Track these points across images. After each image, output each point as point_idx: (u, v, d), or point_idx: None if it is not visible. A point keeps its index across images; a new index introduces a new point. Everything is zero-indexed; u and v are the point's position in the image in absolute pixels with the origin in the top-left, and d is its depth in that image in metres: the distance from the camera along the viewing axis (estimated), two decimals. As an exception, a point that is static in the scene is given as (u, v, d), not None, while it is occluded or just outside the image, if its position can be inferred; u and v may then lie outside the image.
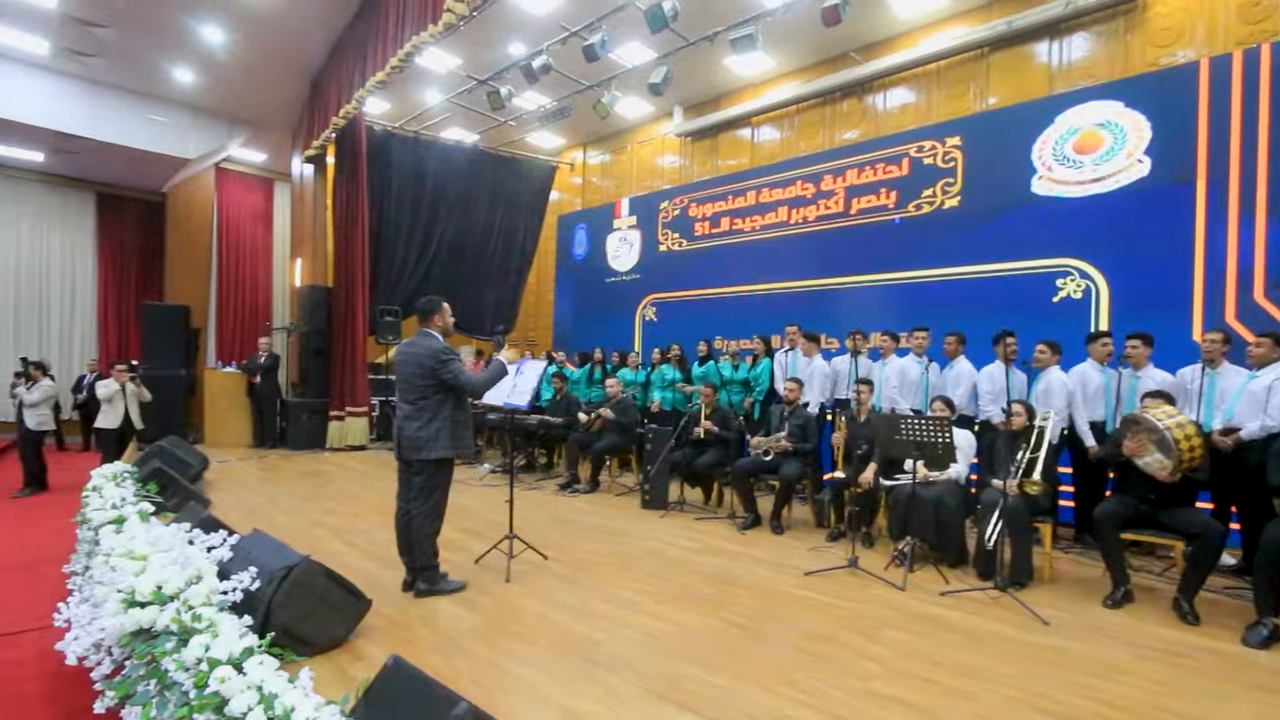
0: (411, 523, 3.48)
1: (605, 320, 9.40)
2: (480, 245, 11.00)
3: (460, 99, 9.38)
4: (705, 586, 3.79)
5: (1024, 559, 3.92)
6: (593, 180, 11.90)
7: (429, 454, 3.41)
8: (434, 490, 3.48)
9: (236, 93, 9.95)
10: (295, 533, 4.78)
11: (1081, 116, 5.51)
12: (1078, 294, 5.50)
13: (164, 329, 9.37)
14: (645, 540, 4.80)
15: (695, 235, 8.43)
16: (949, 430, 3.98)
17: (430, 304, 3.61)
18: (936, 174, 6.31)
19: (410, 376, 3.47)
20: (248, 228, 12.69)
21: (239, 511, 5.37)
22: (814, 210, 7.22)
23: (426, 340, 3.49)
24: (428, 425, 3.42)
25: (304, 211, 10.60)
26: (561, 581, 3.82)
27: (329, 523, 5.12)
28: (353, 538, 4.69)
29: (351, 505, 5.76)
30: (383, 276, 9.97)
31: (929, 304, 6.26)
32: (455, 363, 3.46)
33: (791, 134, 8.86)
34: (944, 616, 3.41)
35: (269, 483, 6.73)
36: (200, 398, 9.63)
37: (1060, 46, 6.71)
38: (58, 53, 8.77)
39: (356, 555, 4.27)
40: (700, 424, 5.80)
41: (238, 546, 2.94)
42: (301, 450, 8.90)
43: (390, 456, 8.60)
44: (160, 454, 5.54)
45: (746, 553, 4.54)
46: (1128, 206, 5.26)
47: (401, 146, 10.27)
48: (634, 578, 3.93)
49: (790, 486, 5.14)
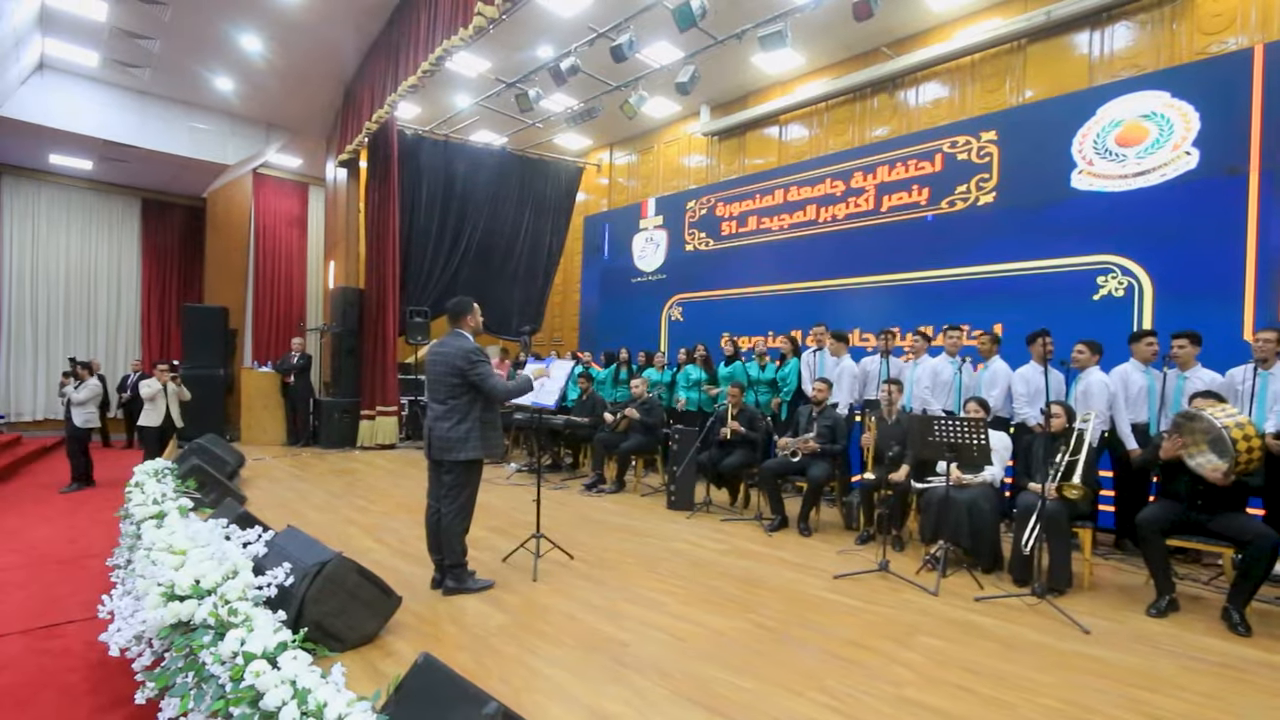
0: (441, 521, 3.51)
1: (631, 320, 9.40)
2: (508, 246, 11.10)
3: (489, 102, 9.48)
4: (732, 588, 3.76)
5: (1063, 565, 3.80)
6: (619, 181, 11.92)
7: (459, 455, 3.44)
8: (463, 489, 3.51)
9: (274, 100, 10.23)
10: (327, 529, 4.88)
11: (1125, 108, 5.32)
12: (1119, 292, 5.31)
13: (203, 330, 9.66)
14: (671, 541, 4.78)
15: (722, 235, 8.38)
16: (984, 431, 3.88)
17: (461, 305, 3.64)
18: (971, 170, 6.16)
19: (441, 376, 3.50)
20: (283, 231, 13.02)
21: (273, 508, 5.50)
22: (843, 208, 7.11)
23: (458, 341, 3.52)
24: (458, 426, 3.45)
25: (337, 215, 10.83)
26: (587, 581, 3.82)
27: (360, 520, 5.21)
28: (383, 535, 4.77)
29: (382, 503, 5.86)
30: (412, 278, 10.13)
31: (962, 303, 6.12)
32: (484, 365, 3.48)
33: (820, 131, 8.75)
34: (979, 623, 3.32)
35: (302, 480, 6.89)
36: (237, 397, 9.90)
37: (1101, 37, 6.49)
38: (107, 64, 9.12)
39: (386, 552, 4.34)
40: (727, 424, 5.76)
41: (272, 542, 3.00)
42: (333, 449, 9.08)
43: (419, 456, 8.82)
44: (199, 451, 5.70)
45: (774, 554, 4.49)
46: (1174, 200, 5.06)
47: (431, 150, 10.42)
48: (660, 578, 3.91)
49: (819, 488, 5.07)
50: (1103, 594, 3.85)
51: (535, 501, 4.13)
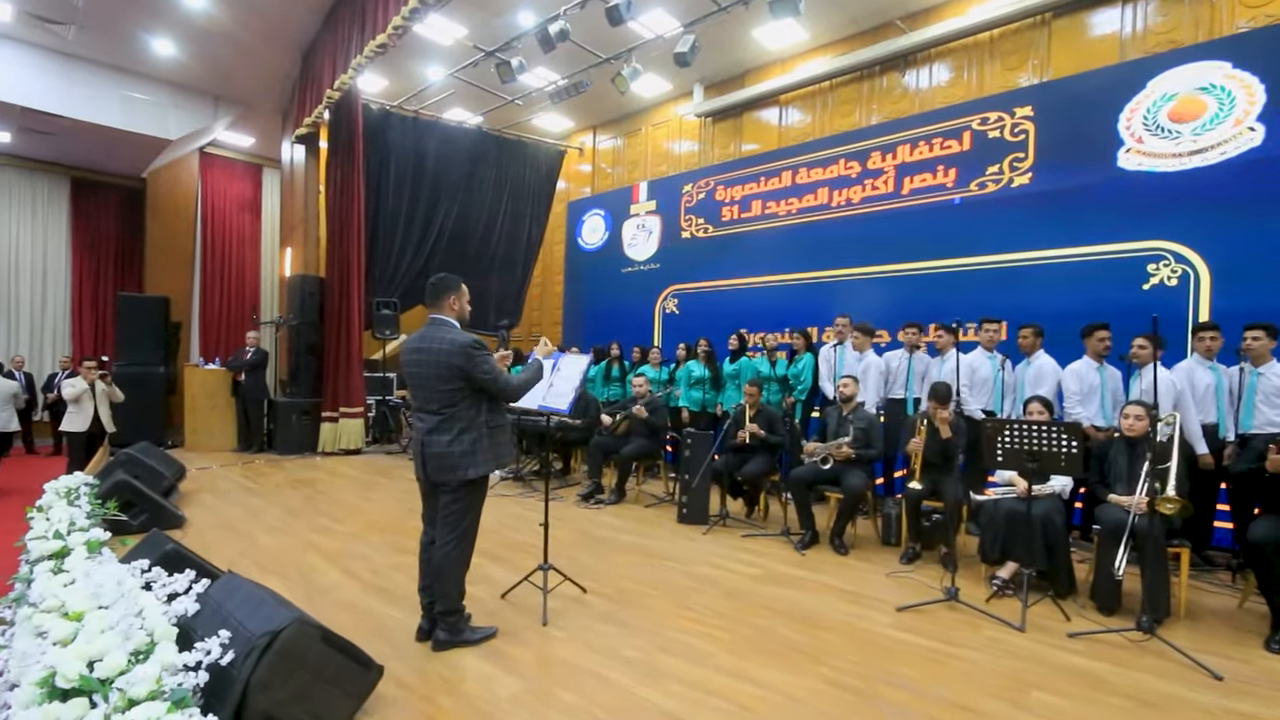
0: (436, 553, 2.79)
1: (621, 313, 8.72)
2: (484, 233, 10.28)
3: (465, 73, 8.67)
4: (785, 629, 3.13)
5: (1161, 592, 3.28)
6: (603, 167, 11.20)
7: (467, 472, 2.71)
8: (465, 515, 2.79)
9: (222, 68, 9.19)
10: (283, 558, 4.08)
11: (1179, 80, 4.88)
12: (1173, 281, 4.87)
13: (141, 322, 8.61)
14: (694, 564, 4.14)
15: (722, 221, 7.75)
16: (1077, 436, 3.33)
17: (443, 284, 2.87)
18: (1004, 148, 5.66)
19: (430, 381, 2.74)
20: (234, 216, 11.93)
21: (217, 530, 4.67)
22: (859, 191, 6.56)
23: (444, 331, 2.77)
24: (460, 438, 2.72)
25: (294, 197, 9.85)
26: (610, 624, 3.14)
27: (323, 544, 4.42)
28: (351, 564, 3.99)
29: (349, 520, 5.06)
30: (379, 266, 9.25)
31: (994, 294, 5.63)
32: (489, 358, 2.75)
33: (824, 113, 8.19)
34: (1092, 670, 2.76)
35: (254, 493, 6.02)
36: (180, 397, 8.87)
37: (1134, 10, 6.08)
38: (23, 20, 7.99)
39: (357, 588, 3.58)
40: (745, 426, 5.14)
41: (208, 597, 2.24)
42: (291, 455, 8.17)
43: (389, 462, 7.98)
44: (127, 464, 4.82)
45: (815, 579, 3.89)
46: (1235, 181, 4.63)
47: (400, 126, 9.54)
48: (695, 616, 3.26)
49: (856, 500, 4.49)
50: (1203, 622, 3.36)
51: (542, 525, 3.42)
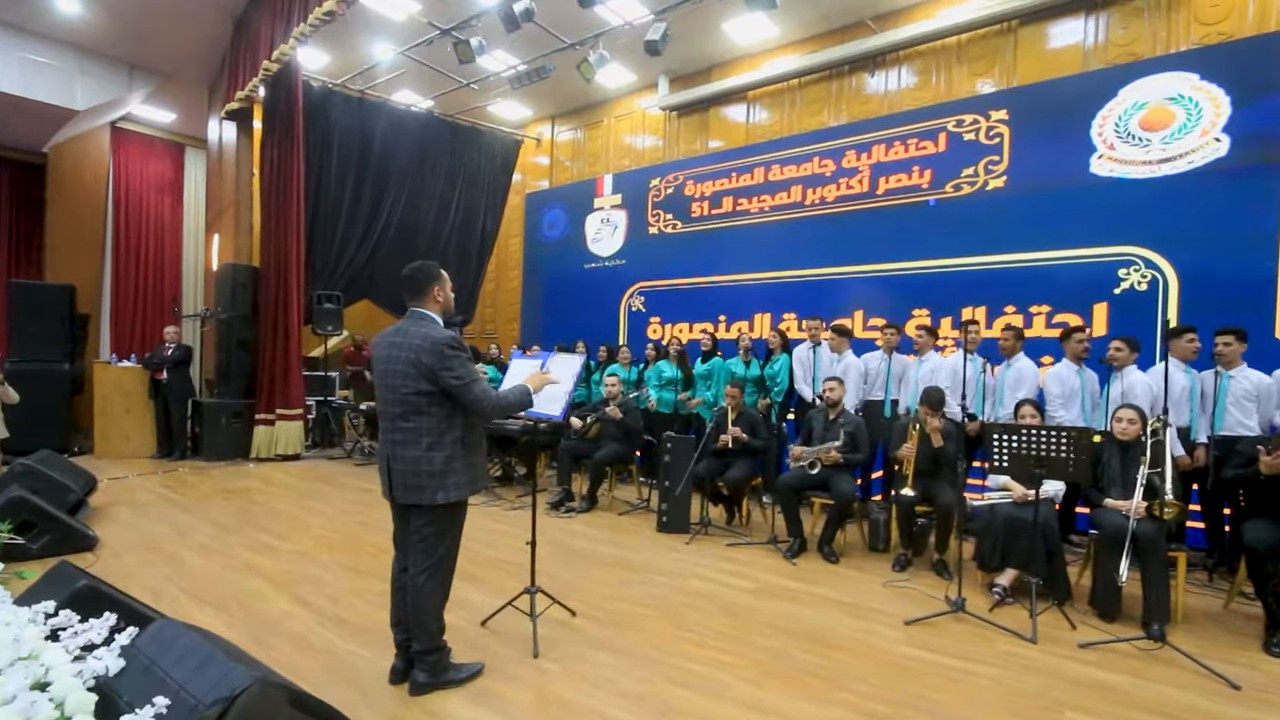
0: (409, 584, 2.41)
1: (583, 310, 8.38)
2: (436, 224, 9.71)
3: (418, 52, 8.12)
4: (796, 650, 2.91)
5: (1162, 597, 3.25)
6: (561, 159, 10.82)
7: (435, 496, 2.34)
8: (440, 541, 2.42)
9: (139, 32, 8.28)
10: (219, 584, 3.57)
11: (1149, 89, 4.98)
12: (1142, 285, 4.97)
13: (40, 314, 7.65)
14: (682, 577, 3.88)
15: (692, 217, 7.54)
16: (1090, 441, 3.26)
17: (423, 272, 2.48)
18: (979, 151, 5.68)
19: (396, 382, 2.35)
20: (152, 198, 10.88)
21: (138, 552, 4.07)
22: (834, 190, 6.47)
23: (421, 326, 2.40)
24: (429, 454, 2.34)
25: (224, 179, 9.01)
26: (607, 652, 2.84)
27: (265, 566, 3.91)
28: (302, 589, 3.52)
29: (294, 537, 4.54)
30: (320, 256, 8.56)
31: (967, 295, 5.63)
32: (465, 363, 2.36)
33: (792, 112, 8.11)
34: (1113, 684, 2.67)
35: (179, 506, 5.36)
36: (89, 398, 7.95)
37: (1096, 22, 6.23)
38: (-106, -38, 6.94)
39: (310, 619, 3.13)
40: (727, 431, 4.93)
41: (136, 651, 1.81)
42: (219, 461, 7.43)
43: (332, 469, 7.35)
44: (24, 476, 4.14)
45: (813, 591, 3.70)
46: (1202, 190, 4.75)
47: (344, 107, 8.87)
48: (697, 639, 3.00)
49: (847, 507, 4.33)
50: (1200, 626, 3.36)
51: (529, 544, 3.08)
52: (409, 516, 2.42)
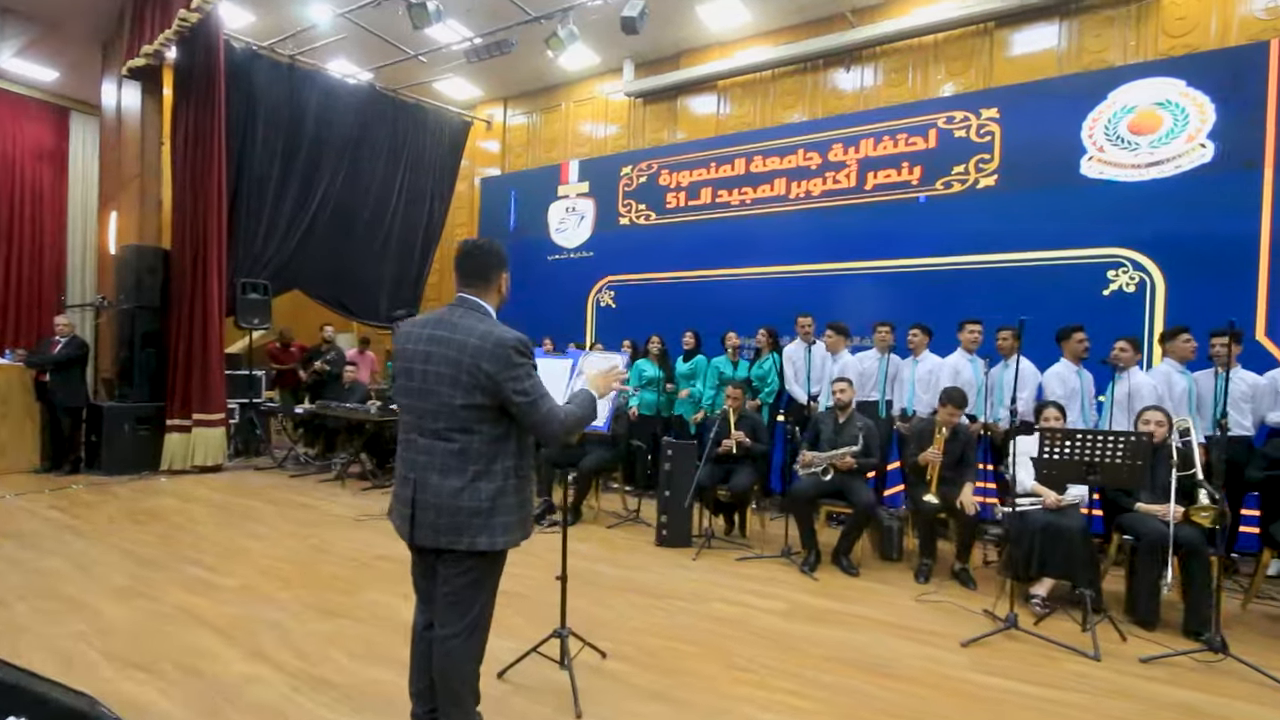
0: (437, 646, 1.89)
1: (546, 305, 7.82)
2: (376, 209, 8.85)
3: (360, 16, 7.31)
4: (866, 684, 2.60)
5: (1204, 604, 3.18)
6: (514, 144, 10.16)
7: (478, 540, 1.81)
8: (478, 596, 1.90)
9: (14, -32, 7.02)
10: (149, 639, 2.86)
11: (1138, 94, 5.05)
12: (1131, 287, 5.04)
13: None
14: (706, 601, 3.50)
15: (667, 208, 7.16)
16: (1147, 445, 3.13)
17: (488, 251, 1.92)
18: (970, 149, 5.62)
19: (441, 387, 1.80)
20: (27, 169, 9.38)
21: (32, 599, 3.25)
22: (820, 184, 6.27)
23: (477, 321, 1.84)
24: (476, 484, 1.81)
25: (124, 148, 7.78)
26: (660, 704, 2.42)
27: (206, 610, 3.19)
28: (261, 640, 2.87)
29: (235, 568, 3.81)
30: (243, 240, 7.57)
31: (960, 294, 5.56)
32: (535, 373, 1.83)
33: (765, 104, 7.88)
34: (1194, 704, 2.53)
35: (79, 534, 4.45)
36: (-50, 402, 6.63)
37: (1069, 28, 6.35)
38: None
39: (282, 684, 2.51)
40: (730, 435, 4.59)
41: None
42: (122, 476, 6.37)
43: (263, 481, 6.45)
44: None
45: (850, 611, 3.42)
46: (1189, 194, 4.86)
47: (272, 73, 7.88)
48: (755, 678, 2.63)
49: (868, 515, 4.09)
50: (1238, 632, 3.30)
51: (559, 578, 2.60)
52: (437, 565, 1.90)
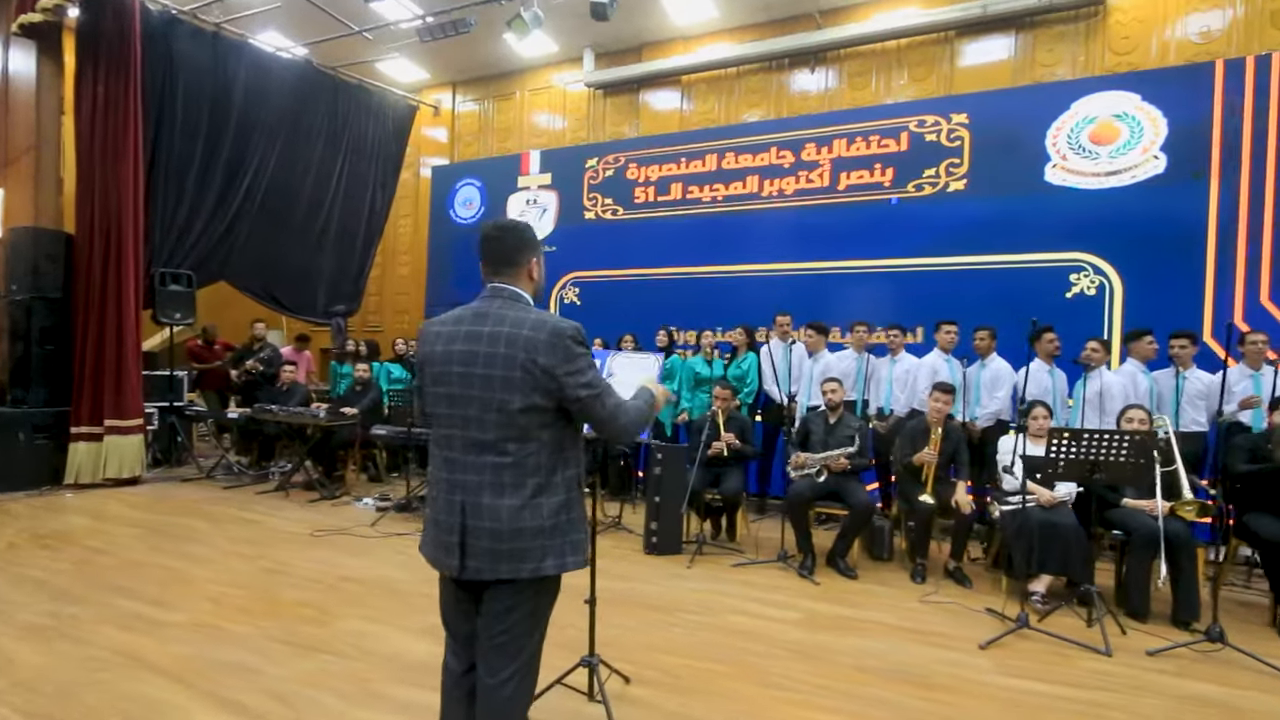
0: (485, 696, 1.62)
1: (504, 302, 7.43)
2: (314, 196, 8.17)
3: (301, -17, 6.70)
4: (903, 695, 2.51)
5: (1193, 595, 3.31)
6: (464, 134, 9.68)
7: (545, 564, 1.57)
8: (534, 630, 1.66)
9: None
10: (84, 692, 2.40)
11: (1098, 105, 5.28)
12: (1091, 290, 5.26)
13: None
14: (715, 613, 3.33)
15: (636, 203, 6.95)
16: (1153, 443, 3.20)
17: (517, 235, 1.66)
18: (940, 153, 5.73)
19: (489, 391, 1.52)
20: (-113, 137, 8.04)
21: (-75, 647, 2.69)
22: (793, 182, 6.24)
23: (517, 310, 1.58)
24: (537, 500, 1.55)
25: (12, 117, 6.79)
26: (706, 734, 2.23)
27: (150, 652, 2.73)
28: (227, 685, 2.46)
29: (179, 600, 3.31)
30: (161, 225, 6.76)
31: (929, 295, 5.66)
32: (594, 363, 1.60)
33: (730, 101, 7.84)
34: (1211, 696, 2.59)
35: (-28, 563, 3.78)
36: None
37: (1022, 40, 6.62)
38: None
39: (267, 735, 2.15)
40: (721, 437, 4.46)
41: None
42: (18, 492, 5.54)
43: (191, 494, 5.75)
44: None
45: (864, 617, 3.34)
46: (1144, 203, 5.12)
47: (195, 41, 7.10)
48: (797, 697, 2.48)
49: (866, 517, 4.05)
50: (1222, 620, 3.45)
51: (588, 602, 2.36)
52: (484, 598, 1.63)
